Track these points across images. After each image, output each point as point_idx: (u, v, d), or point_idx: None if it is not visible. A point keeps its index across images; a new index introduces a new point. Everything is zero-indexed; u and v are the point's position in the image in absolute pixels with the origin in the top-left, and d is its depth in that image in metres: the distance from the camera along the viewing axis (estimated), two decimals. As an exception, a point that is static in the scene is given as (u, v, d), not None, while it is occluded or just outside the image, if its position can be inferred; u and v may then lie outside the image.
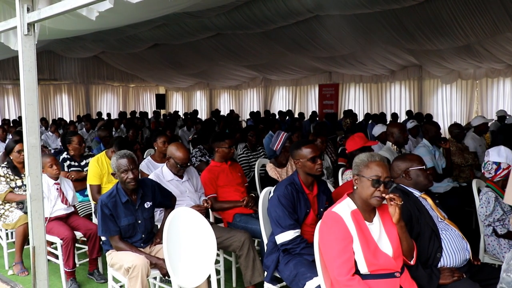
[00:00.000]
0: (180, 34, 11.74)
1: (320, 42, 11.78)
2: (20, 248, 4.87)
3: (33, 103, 3.25)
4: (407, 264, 2.78)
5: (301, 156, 3.49)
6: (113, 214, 3.62)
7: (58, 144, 10.08)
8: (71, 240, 4.40)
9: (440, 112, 14.46)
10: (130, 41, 13.33)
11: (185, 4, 5.82)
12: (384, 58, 13.30)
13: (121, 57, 18.23)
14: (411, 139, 7.30)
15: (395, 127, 5.51)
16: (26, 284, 4.56)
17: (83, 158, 5.78)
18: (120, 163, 3.65)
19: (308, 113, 16.38)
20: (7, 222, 4.91)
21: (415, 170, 3.24)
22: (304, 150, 3.49)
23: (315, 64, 15.08)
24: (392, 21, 9.71)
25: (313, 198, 3.51)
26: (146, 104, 23.08)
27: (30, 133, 3.25)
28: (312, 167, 3.45)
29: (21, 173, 5.11)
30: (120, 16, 4.90)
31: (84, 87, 20.79)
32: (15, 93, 18.70)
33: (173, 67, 17.74)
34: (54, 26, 3.72)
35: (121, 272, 3.54)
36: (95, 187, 5.10)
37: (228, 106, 20.57)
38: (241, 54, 14.40)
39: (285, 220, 3.30)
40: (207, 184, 4.64)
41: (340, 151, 7.27)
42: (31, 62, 3.23)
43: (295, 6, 8.81)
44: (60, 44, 13.69)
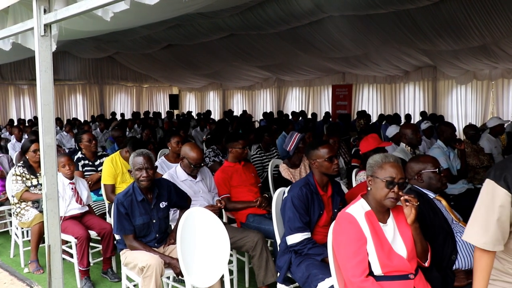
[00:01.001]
0: (194, 35, 11.78)
1: (333, 42, 11.74)
2: (36, 247, 4.92)
3: (49, 103, 3.29)
4: (421, 266, 2.76)
5: (318, 156, 3.48)
6: (128, 213, 3.64)
7: (73, 144, 10.18)
8: (86, 239, 4.43)
9: (454, 113, 14.32)
10: (144, 41, 13.40)
11: (199, 5, 5.84)
12: (398, 58, 13.21)
13: (135, 58, 18.34)
14: (425, 140, 7.25)
15: (408, 128, 5.47)
16: (41, 282, 4.60)
17: (97, 158, 5.82)
18: (136, 160, 3.68)
19: (321, 114, 16.33)
20: (23, 220, 4.97)
21: (428, 172, 3.21)
22: (321, 150, 3.49)
23: (329, 65, 15.03)
24: (407, 21, 9.64)
25: (327, 199, 3.50)
26: (159, 104, 23.19)
27: (46, 132, 3.29)
28: (329, 167, 3.45)
29: (37, 172, 5.17)
30: (135, 17, 4.92)
31: (98, 87, 20.96)
32: (30, 93, 18.92)
33: (187, 67, 17.80)
34: (69, 27, 3.75)
35: (135, 271, 3.56)
36: (109, 187, 5.14)
37: (241, 107, 20.58)
38: (254, 55, 14.41)
39: (295, 223, 3.31)
40: (220, 184, 4.65)
41: (353, 152, 7.24)
42: (47, 63, 3.27)
43: (308, 7, 8.79)
44: (75, 45, 13.81)
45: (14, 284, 4.62)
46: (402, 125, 6.02)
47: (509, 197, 2.03)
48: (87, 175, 5.60)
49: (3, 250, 5.64)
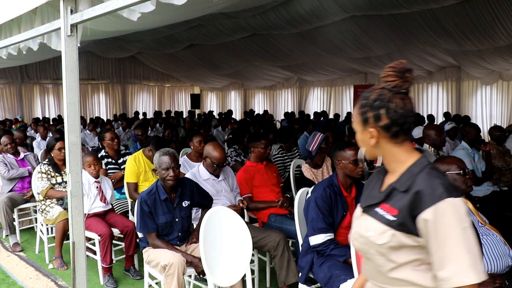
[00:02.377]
0: (216, 35, 11.81)
1: (355, 42, 11.66)
2: (60, 243, 5.00)
3: (75, 102, 3.34)
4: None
5: (343, 158, 3.48)
6: (151, 211, 3.68)
7: (96, 142, 10.30)
8: (109, 236, 4.49)
9: (479, 114, 14.08)
10: (166, 41, 13.49)
11: (223, 5, 5.86)
12: (421, 58, 13.04)
13: (157, 57, 18.49)
14: (449, 141, 7.15)
15: (431, 129, 5.41)
16: (65, 278, 4.68)
17: (120, 156, 5.88)
18: (162, 160, 3.70)
19: (343, 114, 16.23)
20: (48, 217, 5.05)
21: (452, 174, 3.16)
22: (347, 152, 3.47)
23: (351, 65, 14.93)
24: (431, 21, 9.52)
25: (351, 200, 3.48)
26: (181, 103, 23.33)
27: (71, 131, 3.34)
28: (353, 169, 3.43)
29: (61, 170, 5.25)
30: (160, 17, 4.96)
31: (121, 86, 21.19)
32: (54, 92, 19.24)
33: (208, 67, 17.87)
34: (94, 27, 3.80)
35: (158, 270, 3.59)
36: (132, 185, 5.18)
37: (263, 107, 20.59)
38: (276, 55, 14.39)
39: (318, 223, 3.30)
40: (242, 184, 4.65)
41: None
42: (73, 62, 3.32)
43: (331, 6, 8.74)
44: (99, 45, 13.98)
45: (39, 279, 4.70)
46: (426, 126, 5.95)
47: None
48: (110, 173, 5.66)
49: (29, 246, 5.74)
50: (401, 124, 1.68)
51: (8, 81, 18.15)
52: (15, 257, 5.36)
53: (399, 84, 1.70)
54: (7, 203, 5.62)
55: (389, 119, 1.69)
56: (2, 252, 5.55)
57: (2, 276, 4.82)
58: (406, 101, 1.70)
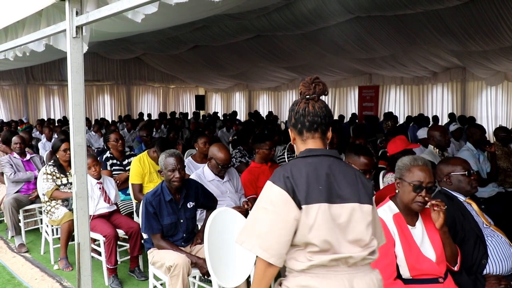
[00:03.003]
0: (220, 36, 11.83)
1: (360, 43, 11.65)
2: (65, 244, 5.02)
3: (80, 103, 3.34)
4: (451, 270, 2.72)
5: (355, 163, 3.50)
6: (156, 213, 3.69)
7: (101, 143, 10.33)
8: (114, 237, 4.50)
9: (484, 115, 14.03)
10: (171, 42, 13.52)
11: (228, 6, 5.87)
12: (426, 59, 13.02)
13: (162, 59, 18.54)
14: (453, 142, 7.14)
15: (436, 130, 5.39)
16: (70, 279, 4.69)
17: (125, 158, 5.89)
18: (168, 161, 3.71)
19: (347, 115, 16.23)
20: (53, 218, 5.07)
21: (457, 175, 3.16)
22: (361, 159, 3.53)
23: (355, 66, 14.92)
24: (435, 21, 9.50)
25: None
26: (185, 105, 23.37)
27: (77, 132, 3.35)
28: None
29: (67, 171, 5.26)
30: (164, 19, 4.97)
31: (126, 88, 21.25)
32: (60, 94, 19.32)
33: (213, 68, 17.90)
34: (99, 29, 3.82)
35: (163, 270, 3.60)
36: (137, 186, 5.19)
37: (267, 108, 20.60)
38: (280, 56, 14.40)
39: None
40: (247, 185, 4.66)
41: (380, 154, 7.17)
42: (79, 64, 3.33)
43: (335, 7, 8.73)
44: (103, 46, 14.02)
45: (44, 280, 4.72)
46: (430, 127, 5.94)
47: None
48: (115, 174, 5.68)
49: (34, 247, 5.76)
50: (302, 123, 2.06)
51: (14, 82, 18.25)
52: (21, 258, 5.38)
53: (303, 91, 2.08)
54: (12, 204, 5.65)
55: (294, 119, 2.09)
56: (7, 253, 5.58)
57: (8, 277, 4.84)
58: (310, 105, 2.06)
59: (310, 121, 2.04)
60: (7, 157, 5.98)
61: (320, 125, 2.06)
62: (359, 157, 3.53)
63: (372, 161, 3.59)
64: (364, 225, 2.01)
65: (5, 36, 4.95)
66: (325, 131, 2.09)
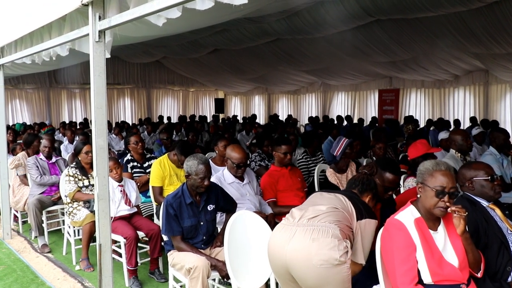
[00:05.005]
0: (240, 39, 11.87)
1: (380, 46, 11.58)
2: (87, 245, 5.08)
3: (102, 106, 3.40)
4: (474, 277, 2.68)
5: (380, 177, 3.45)
6: (177, 215, 3.71)
7: (121, 146, 10.43)
8: (134, 239, 4.53)
9: (508, 118, 13.77)
10: (191, 46, 13.62)
11: (248, 10, 5.89)
12: (447, 62, 12.88)
13: (182, 62, 18.68)
14: (476, 146, 7.04)
15: (457, 134, 5.32)
16: (92, 279, 4.75)
17: (146, 160, 5.93)
18: (200, 168, 3.72)
19: (367, 118, 16.13)
20: (75, 220, 5.14)
21: (480, 180, 3.10)
22: (387, 174, 3.46)
23: (375, 69, 14.84)
24: (457, 24, 9.40)
25: (376, 211, 3.44)
26: (205, 108, 23.51)
27: (99, 135, 3.40)
28: (382, 192, 3.42)
29: (88, 174, 5.33)
30: (185, 23, 5.01)
31: (146, 91, 21.47)
32: (81, 97, 19.62)
33: (232, 72, 17.97)
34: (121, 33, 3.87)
35: (182, 273, 3.62)
36: (157, 189, 5.23)
37: (286, 111, 20.59)
38: (300, 59, 14.39)
39: None
40: (266, 188, 4.66)
41: (401, 158, 7.11)
42: (101, 68, 3.39)
43: (355, 11, 8.70)
44: (125, 50, 14.19)
45: (66, 280, 4.79)
46: (452, 131, 5.87)
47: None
48: (136, 177, 5.72)
49: (56, 248, 5.84)
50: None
51: (37, 86, 18.61)
52: (44, 258, 5.46)
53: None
54: (36, 205, 5.74)
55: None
56: (31, 253, 5.67)
57: (32, 276, 4.92)
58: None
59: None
60: (33, 159, 6.07)
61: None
62: (385, 172, 3.45)
63: (397, 180, 3.51)
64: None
65: (30, 41, 5.05)
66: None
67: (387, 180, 3.43)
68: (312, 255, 2.68)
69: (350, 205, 2.93)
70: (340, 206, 2.91)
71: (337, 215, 2.85)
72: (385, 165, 3.52)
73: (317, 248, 2.68)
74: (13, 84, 17.87)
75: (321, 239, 2.70)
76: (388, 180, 3.43)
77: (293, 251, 2.73)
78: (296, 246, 2.73)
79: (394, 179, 3.46)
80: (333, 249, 2.67)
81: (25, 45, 5.26)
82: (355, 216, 2.91)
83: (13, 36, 5.18)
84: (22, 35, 4.92)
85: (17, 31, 4.97)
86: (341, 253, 2.67)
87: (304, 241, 2.73)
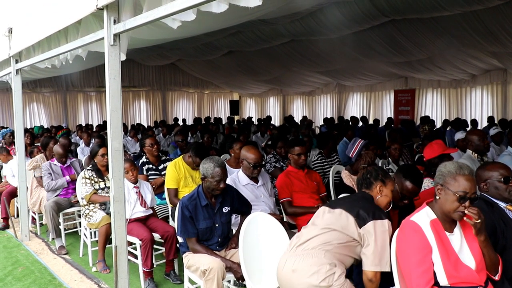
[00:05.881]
0: (254, 41, 11.87)
1: (395, 46, 11.49)
2: (103, 247, 5.12)
3: (117, 109, 3.42)
4: (492, 279, 2.64)
5: (400, 184, 3.37)
6: (192, 216, 3.72)
7: (137, 148, 10.50)
8: (150, 241, 4.56)
9: (527, 118, 13.60)
10: (205, 48, 13.66)
11: (262, 12, 5.90)
12: (464, 62, 12.72)
13: (197, 64, 18.76)
14: (494, 146, 6.95)
15: (474, 134, 5.24)
16: (108, 281, 4.79)
17: (161, 162, 5.96)
18: (217, 171, 3.73)
19: (383, 119, 16.01)
20: (91, 221, 5.19)
21: (494, 181, 3.06)
22: (407, 183, 3.35)
23: (391, 69, 14.73)
24: (474, 23, 9.28)
25: (393, 215, 3.42)
26: (220, 110, 23.57)
27: (114, 137, 3.43)
28: (397, 199, 3.36)
29: (104, 176, 5.38)
30: (200, 25, 5.04)
31: (161, 93, 21.61)
32: (97, 100, 19.82)
33: (247, 73, 17.98)
34: (136, 36, 3.90)
35: (197, 274, 3.63)
36: (172, 191, 5.25)
37: (301, 112, 20.54)
38: (314, 60, 14.35)
39: None
40: (282, 187, 4.65)
41: (417, 159, 7.05)
42: (116, 71, 3.41)
43: (370, 11, 8.65)
44: (140, 53, 14.27)
45: (83, 281, 4.83)
46: (469, 131, 5.79)
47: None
48: (151, 179, 5.75)
49: (73, 249, 5.90)
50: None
51: (54, 89, 18.85)
52: (61, 260, 5.52)
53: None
54: (53, 207, 5.80)
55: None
56: (49, 254, 5.74)
57: (49, 277, 4.97)
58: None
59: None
60: (47, 164, 6.13)
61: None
62: (406, 180, 3.35)
63: (417, 191, 3.39)
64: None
65: (48, 45, 5.12)
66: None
67: (405, 188, 3.33)
68: (294, 286, 2.88)
69: (348, 217, 2.91)
70: (336, 223, 2.94)
71: (329, 236, 2.92)
72: (408, 173, 3.39)
73: (297, 278, 2.87)
74: (31, 88, 18.12)
75: (300, 269, 2.86)
76: (407, 189, 3.33)
77: (283, 282, 2.99)
78: (284, 277, 2.96)
79: (413, 189, 3.35)
80: (312, 277, 2.78)
81: (42, 49, 5.34)
82: (356, 225, 2.88)
83: (30, 41, 5.25)
84: (39, 39, 4.98)
85: (34, 36, 5.03)
86: (321, 278, 2.77)
87: (288, 273, 2.93)
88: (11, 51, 5.98)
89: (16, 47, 5.82)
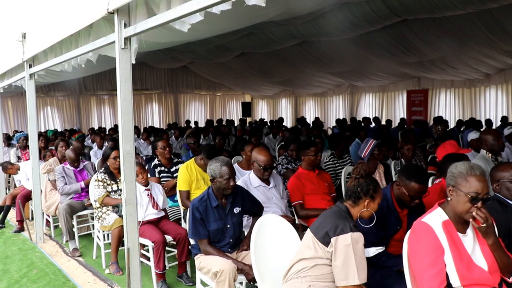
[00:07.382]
0: (266, 43, 11.87)
1: (408, 46, 11.41)
2: (116, 249, 5.15)
3: (129, 112, 3.44)
4: (506, 281, 2.60)
5: (405, 186, 3.28)
6: (203, 218, 3.73)
7: (150, 151, 10.54)
8: (162, 243, 4.57)
9: (543, 118, 13.43)
10: (217, 51, 13.69)
11: (271, 14, 5.89)
12: (478, 61, 12.59)
13: (209, 67, 18.81)
14: (508, 146, 6.87)
15: (489, 134, 5.18)
16: (121, 283, 4.82)
17: (173, 165, 5.99)
18: (224, 170, 3.75)
19: (395, 120, 15.91)
20: (104, 224, 5.22)
21: (505, 182, 3.02)
22: (412, 184, 3.24)
23: (403, 70, 14.63)
24: (488, 21, 9.18)
25: (403, 216, 3.38)
26: (232, 112, 23.62)
27: (126, 140, 3.45)
28: (408, 201, 3.30)
29: (117, 178, 5.41)
30: (210, 27, 5.05)
31: (173, 96, 21.71)
32: (110, 103, 19.98)
33: (259, 75, 17.99)
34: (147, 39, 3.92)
35: (209, 276, 3.63)
36: (184, 193, 5.27)
37: (314, 114, 20.50)
38: (326, 61, 14.31)
39: (368, 237, 3.20)
40: (294, 190, 4.64)
41: (430, 159, 6.99)
42: (127, 74, 3.43)
43: (382, 11, 8.60)
44: (152, 56, 14.36)
45: (97, 283, 4.87)
46: (483, 131, 5.73)
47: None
48: (163, 181, 5.78)
49: (87, 252, 5.95)
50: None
51: (67, 93, 19.04)
52: (75, 262, 5.57)
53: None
54: (67, 210, 5.86)
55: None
56: (63, 257, 5.79)
57: (63, 279, 5.02)
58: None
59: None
60: (60, 168, 6.19)
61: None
62: (410, 181, 3.24)
63: (425, 188, 3.27)
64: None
65: (60, 50, 5.16)
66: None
67: (413, 190, 3.23)
68: None
69: (315, 241, 2.85)
70: (307, 251, 2.91)
71: (300, 265, 2.93)
72: (410, 174, 3.28)
73: None
74: (45, 92, 18.32)
75: None
76: (415, 190, 3.23)
77: None
78: None
79: (420, 188, 3.25)
80: None
81: (54, 53, 5.39)
82: (322, 246, 2.82)
83: (43, 46, 5.30)
84: (51, 44, 5.03)
85: (47, 41, 5.09)
86: None
87: None
88: (24, 56, 6.06)
89: (29, 52, 5.89)
